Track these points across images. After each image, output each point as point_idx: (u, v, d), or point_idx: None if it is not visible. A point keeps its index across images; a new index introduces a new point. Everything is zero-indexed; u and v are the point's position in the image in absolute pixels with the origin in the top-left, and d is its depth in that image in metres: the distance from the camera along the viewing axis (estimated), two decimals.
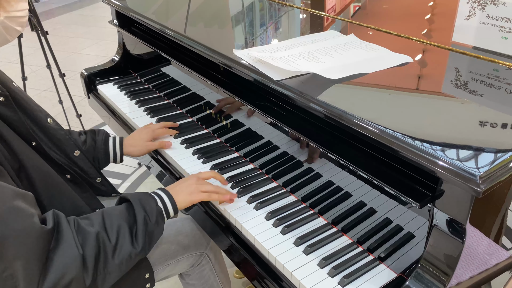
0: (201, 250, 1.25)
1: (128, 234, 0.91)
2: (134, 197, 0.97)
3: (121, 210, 0.94)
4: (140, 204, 0.95)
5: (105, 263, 0.87)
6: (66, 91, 2.65)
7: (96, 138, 1.28)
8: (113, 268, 0.88)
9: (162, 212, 0.98)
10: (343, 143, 0.98)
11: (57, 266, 0.81)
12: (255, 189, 1.16)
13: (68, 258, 0.82)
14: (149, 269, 1.11)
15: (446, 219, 0.79)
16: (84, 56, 4.31)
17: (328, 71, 1.02)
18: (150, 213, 0.95)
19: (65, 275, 0.82)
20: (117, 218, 0.92)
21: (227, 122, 1.35)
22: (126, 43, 1.85)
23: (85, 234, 0.86)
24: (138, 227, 0.92)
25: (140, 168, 2.56)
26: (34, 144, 0.98)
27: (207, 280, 1.29)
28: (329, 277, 0.91)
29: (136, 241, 0.91)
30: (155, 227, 0.95)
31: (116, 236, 0.89)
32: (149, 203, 0.97)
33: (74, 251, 0.83)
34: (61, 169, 1.05)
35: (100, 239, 0.87)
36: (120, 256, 0.89)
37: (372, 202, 0.97)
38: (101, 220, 0.90)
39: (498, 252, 0.88)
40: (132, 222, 0.93)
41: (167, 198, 1.01)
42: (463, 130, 0.84)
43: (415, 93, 0.99)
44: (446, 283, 0.78)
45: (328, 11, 1.57)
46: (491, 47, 1.14)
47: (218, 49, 1.21)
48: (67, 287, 0.83)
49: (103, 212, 0.93)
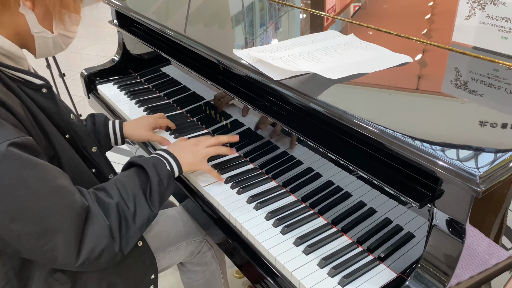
0: (201, 237, 1.26)
1: (144, 199, 0.96)
2: (145, 162, 1.02)
3: (133, 176, 1.00)
4: (154, 168, 1.00)
5: (127, 228, 0.93)
6: (66, 91, 2.65)
7: (95, 121, 1.31)
8: (135, 231, 0.94)
9: (172, 175, 1.05)
10: (343, 143, 0.98)
11: (90, 238, 0.87)
12: (255, 189, 1.16)
13: (98, 230, 0.88)
14: (155, 271, 1.12)
15: (446, 219, 0.79)
16: (84, 56, 4.31)
17: (328, 71, 1.02)
18: (163, 176, 1.01)
19: (98, 245, 0.88)
20: (131, 186, 0.97)
21: (227, 122, 1.35)
22: (126, 43, 1.85)
23: (105, 206, 0.92)
24: (153, 191, 0.98)
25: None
26: (68, 137, 1.02)
27: (209, 267, 1.30)
28: (329, 277, 0.91)
29: (153, 204, 0.97)
30: (166, 189, 1.01)
31: (133, 203, 0.95)
32: (161, 167, 1.02)
33: (102, 223, 0.89)
34: (89, 163, 1.09)
35: (120, 209, 0.93)
36: (140, 220, 0.95)
37: (372, 202, 0.97)
38: (117, 190, 0.95)
39: (498, 252, 0.88)
40: (145, 187, 0.98)
41: (174, 162, 1.08)
42: (463, 130, 0.84)
43: (415, 93, 0.99)
44: (446, 283, 0.78)
45: (328, 11, 1.57)
46: (491, 47, 1.14)
47: (218, 49, 1.21)
48: (100, 256, 0.89)
49: (116, 181, 0.98)
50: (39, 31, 0.92)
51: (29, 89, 0.92)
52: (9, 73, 0.89)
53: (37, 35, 0.92)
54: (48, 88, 0.96)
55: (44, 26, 0.92)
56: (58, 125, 0.99)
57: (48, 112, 0.96)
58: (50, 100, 0.97)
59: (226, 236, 1.09)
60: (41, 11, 0.90)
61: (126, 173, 1.02)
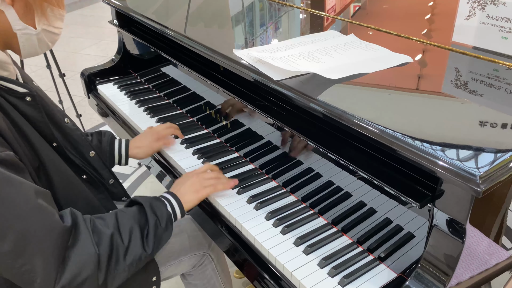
0: (203, 251, 1.25)
1: (140, 237, 0.92)
2: (145, 201, 0.98)
3: (134, 212, 0.96)
4: (151, 209, 0.96)
5: (116, 263, 0.88)
6: (66, 91, 2.65)
7: (101, 139, 1.28)
8: (123, 268, 0.90)
9: (171, 217, 1.00)
10: (343, 143, 0.98)
11: (74, 263, 0.83)
12: (255, 189, 1.16)
13: (85, 256, 0.84)
14: (156, 273, 1.12)
15: (446, 219, 0.79)
16: (84, 56, 4.31)
17: (328, 71, 1.02)
18: (161, 217, 0.96)
19: (81, 273, 0.83)
20: (130, 221, 0.93)
21: (227, 122, 1.35)
22: (126, 43, 1.85)
23: (100, 234, 0.88)
24: (149, 231, 0.94)
25: (140, 168, 2.56)
26: (55, 145, 1.00)
27: (209, 280, 1.29)
28: (329, 277, 0.91)
29: (147, 244, 0.93)
30: (164, 231, 0.97)
31: (128, 238, 0.91)
32: (160, 208, 0.98)
33: (91, 249, 0.84)
34: (79, 170, 1.07)
35: (114, 240, 0.89)
36: (131, 257, 0.90)
37: (372, 202, 0.97)
38: (115, 221, 0.92)
39: (498, 252, 0.88)
40: (143, 225, 0.94)
41: (175, 202, 1.02)
42: (463, 130, 0.84)
43: (415, 93, 0.99)
44: (446, 283, 0.78)
45: (328, 11, 1.57)
46: (491, 47, 1.14)
47: (218, 49, 1.21)
48: (82, 284, 0.84)
49: (116, 213, 0.94)
50: (21, 28, 0.88)
51: (12, 97, 0.89)
52: None
53: (20, 32, 0.88)
54: (32, 96, 0.93)
55: (26, 22, 0.88)
56: (44, 134, 0.96)
57: (32, 120, 0.94)
58: (34, 108, 0.94)
59: (226, 236, 1.09)
60: (21, 6, 0.86)
61: (129, 208, 0.98)
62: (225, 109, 1.34)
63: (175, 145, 1.37)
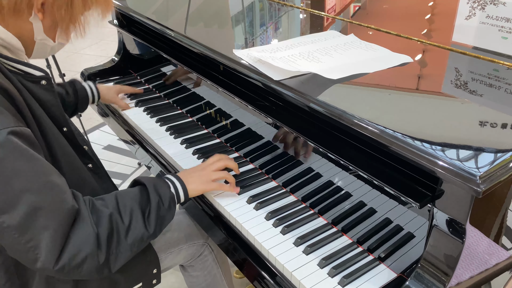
0: (203, 240, 1.26)
1: (141, 217, 0.93)
2: (148, 181, 0.99)
3: (135, 192, 0.97)
4: (154, 188, 0.98)
5: (118, 242, 0.90)
6: None
7: (76, 88, 1.43)
8: (125, 248, 0.91)
9: (174, 198, 1.01)
10: (343, 143, 0.98)
11: (74, 242, 0.84)
12: (255, 189, 1.16)
13: (84, 236, 0.85)
14: (157, 265, 1.13)
15: (446, 219, 0.79)
16: (84, 56, 4.31)
17: (328, 71, 1.02)
18: (164, 197, 0.97)
19: (81, 251, 0.85)
20: (131, 201, 0.94)
21: (227, 122, 1.35)
22: (126, 43, 1.85)
23: (99, 214, 0.89)
24: (151, 211, 0.95)
25: (140, 168, 2.56)
26: (65, 130, 1.01)
27: (210, 271, 1.29)
28: (329, 277, 0.91)
29: (149, 224, 0.94)
30: (167, 211, 0.98)
31: (129, 217, 0.92)
32: (163, 188, 0.99)
33: (89, 229, 0.86)
34: (85, 158, 1.08)
35: (113, 220, 0.90)
36: (133, 237, 0.92)
37: (372, 202, 0.97)
38: (115, 201, 0.93)
39: (498, 252, 0.88)
40: (145, 205, 0.95)
41: (180, 185, 1.04)
42: (463, 130, 0.84)
43: (415, 93, 0.99)
44: (446, 283, 0.78)
45: (328, 11, 1.57)
46: (491, 47, 1.14)
47: (218, 49, 1.21)
48: (83, 262, 0.86)
49: (116, 194, 0.96)
50: (42, 39, 0.92)
51: (28, 82, 0.92)
52: (8, 65, 0.88)
53: (39, 41, 0.93)
54: (48, 80, 0.95)
55: (48, 35, 0.93)
56: (56, 118, 0.98)
57: (46, 105, 0.95)
58: (49, 92, 0.96)
59: (226, 236, 1.09)
60: (48, 22, 0.90)
61: (130, 189, 1.00)
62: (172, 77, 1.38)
63: (175, 145, 1.37)
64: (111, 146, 2.77)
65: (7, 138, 0.76)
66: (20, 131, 0.79)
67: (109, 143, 2.79)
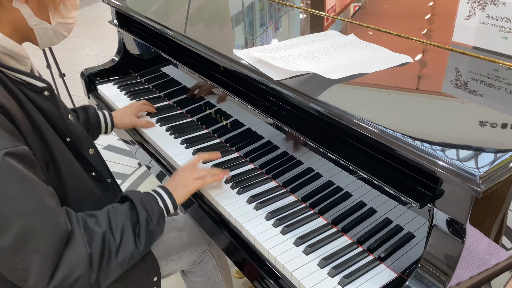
0: (204, 247, 1.25)
1: (132, 234, 0.92)
2: (136, 197, 0.98)
3: (125, 209, 0.96)
4: (142, 205, 0.96)
5: (108, 261, 0.88)
6: (66, 91, 2.65)
7: (88, 113, 1.35)
8: (116, 266, 0.90)
9: (163, 212, 1.00)
10: (343, 143, 0.98)
11: (67, 263, 0.83)
12: (255, 189, 1.16)
13: (77, 256, 0.84)
14: (157, 273, 1.12)
15: (446, 219, 0.79)
16: (84, 56, 4.31)
17: (328, 71, 1.02)
18: (152, 213, 0.96)
19: (73, 272, 0.83)
20: (122, 218, 0.93)
21: (227, 122, 1.35)
22: (126, 43, 1.85)
23: (91, 233, 0.88)
24: (141, 228, 0.94)
25: (140, 168, 2.56)
26: (68, 140, 1.00)
27: (210, 277, 1.29)
28: (329, 277, 0.91)
29: (139, 241, 0.93)
30: (156, 227, 0.96)
31: (120, 235, 0.91)
32: (151, 203, 0.98)
33: (82, 249, 0.85)
34: (88, 167, 1.07)
35: (106, 239, 0.89)
36: (123, 255, 0.91)
37: (372, 202, 0.97)
38: (107, 219, 0.92)
39: (498, 252, 0.88)
40: (135, 222, 0.94)
41: (167, 196, 1.02)
42: (463, 130, 0.84)
43: (415, 93, 0.99)
44: (446, 283, 0.78)
45: (328, 11, 1.57)
46: (491, 47, 1.14)
47: (218, 49, 1.21)
48: (74, 283, 0.84)
49: (108, 211, 0.94)
50: (37, 23, 0.91)
51: (30, 92, 0.91)
52: (11, 74, 0.88)
53: (36, 27, 0.91)
54: (50, 91, 0.95)
55: (40, 18, 0.91)
56: (59, 129, 0.97)
57: (49, 115, 0.95)
58: (51, 103, 0.95)
59: (226, 236, 1.09)
60: (35, 3, 0.89)
61: (121, 205, 0.98)
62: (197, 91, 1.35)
63: (175, 145, 1.37)
64: (111, 146, 2.77)
65: (3, 159, 0.75)
66: (16, 151, 0.78)
67: (109, 143, 2.79)
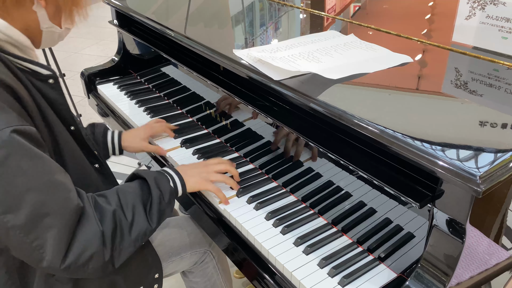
0: (205, 248, 1.25)
1: (143, 212, 0.94)
2: (149, 175, 1.00)
3: (135, 187, 0.98)
4: (155, 182, 0.98)
5: (121, 238, 0.90)
6: (66, 91, 2.65)
7: (94, 131, 1.31)
8: (129, 243, 0.91)
9: (174, 192, 1.02)
10: (343, 143, 0.98)
11: (80, 241, 0.84)
12: (255, 189, 1.16)
13: (89, 234, 0.85)
14: (159, 270, 1.12)
15: (446, 219, 0.79)
16: (84, 56, 4.31)
17: (328, 71, 1.02)
18: (164, 192, 0.98)
19: (86, 250, 0.85)
20: (132, 196, 0.95)
21: (227, 122, 1.35)
22: (126, 43, 1.85)
23: (102, 211, 0.89)
24: (153, 205, 0.95)
25: (140, 168, 2.56)
26: (73, 129, 1.01)
27: (210, 278, 1.29)
28: (329, 277, 0.91)
29: (151, 218, 0.95)
30: (167, 205, 0.99)
31: (132, 213, 0.92)
32: (163, 182, 1.00)
33: (95, 227, 0.86)
34: (92, 158, 1.07)
35: (117, 217, 0.90)
36: (136, 232, 0.92)
37: (372, 202, 0.97)
38: (117, 198, 0.93)
39: (498, 252, 0.88)
40: (146, 200, 0.96)
41: (179, 180, 1.05)
42: (463, 130, 0.84)
43: (415, 93, 0.99)
44: (446, 283, 0.78)
45: (328, 11, 1.57)
46: (491, 47, 1.14)
47: (218, 49, 1.21)
48: (89, 260, 0.86)
49: (117, 190, 0.96)
50: (48, 27, 0.93)
51: (36, 80, 0.92)
52: (17, 63, 0.89)
53: (46, 30, 0.93)
54: (55, 79, 0.95)
55: (53, 22, 0.93)
56: (64, 117, 0.98)
57: (54, 103, 0.95)
58: (57, 91, 0.96)
59: (226, 237, 1.09)
60: (52, 8, 0.91)
61: (130, 184, 1.00)
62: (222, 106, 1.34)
63: (175, 145, 1.37)
64: None
65: (10, 136, 0.76)
66: (23, 129, 0.79)
67: None
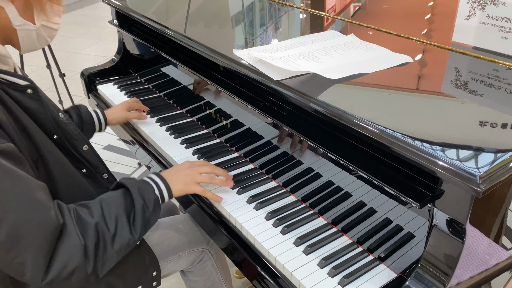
0: (203, 247, 1.25)
1: (126, 223, 0.92)
2: (132, 184, 0.97)
3: (119, 197, 0.95)
4: (139, 192, 0.96)
5: (104, 250, 0.89)
6: (66, 91, 2.65)
7: (80, 112, 1.35)
8: (112, 254, 0.90)
9: (159, 200, 1.00)
10: (343, 143, 0.98)
11: (61, 256, 0.84)
12: (255, 189, 1.16)
13: (71, 248, 0.84)
14: (156, 268, 1.12)
15: (446, 219, 0.79)
16: (84, 56, 4.31)
17: (328, 71, 1.02)
18: (148, 201, 0.96)
19: (69, 264, 0.84)
20: (115, 207, 0.93)
21: (227, 122, 1.35)
22: (126, 43, 1.85)
23: (84, 224, 0.88)
24: (136, 215, 0.94)
25: (140, 168, 2.56)
26: (56, 137, 1.00)
27: (209, 277, 1.29)
28: (329, 277, 0.91)
29: (134, 229, 0.93)
30: (152, 214, 0.96)
31: (115, 224, 0.91)
32: (147, 191, 0.98)
33: (76, 242, 0.85)
34: (79, 164, 1.07)
35: (99, 229, 0.89)
36: (119, 243, 0.91)
37: (372, 202, 0.97)
38: (100, 209, 0.91)
39: (498, 252, 0.88)
40: (130, 210, 0.94)
41: (164, 186, 1.02)
42: (463, 130, 0.84)
43: (415, 93, 0.99)
44: (446, 283, 0.78)
45: (328, 11, 1.57)
46: (491, 47, 1.14)
47: (218, 49, 1.21)
48: (71, 275, 0.85)
49: (101, 200, 0.94)
50: (21, 24, 0.90)
51: (13, 91, 0.90)
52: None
53: (19, 28, 0.90)
54: (33, 89, 0.94)
55: (25, 18, 0.90)
56: (45, 126, 0.97)
57: (34, 113, 0.94)
58: (35, 101, 0.94)
59: (226, 236, 1.09)
60: (21, 3, 0.88)
61: (114, 193, 0.97)
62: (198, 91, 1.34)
63: (175, 145, 1.37)
64: (111, 146, 2.77)
65: None
66: (1, 148, 0.78)
67: (109, 143, 2.79)
